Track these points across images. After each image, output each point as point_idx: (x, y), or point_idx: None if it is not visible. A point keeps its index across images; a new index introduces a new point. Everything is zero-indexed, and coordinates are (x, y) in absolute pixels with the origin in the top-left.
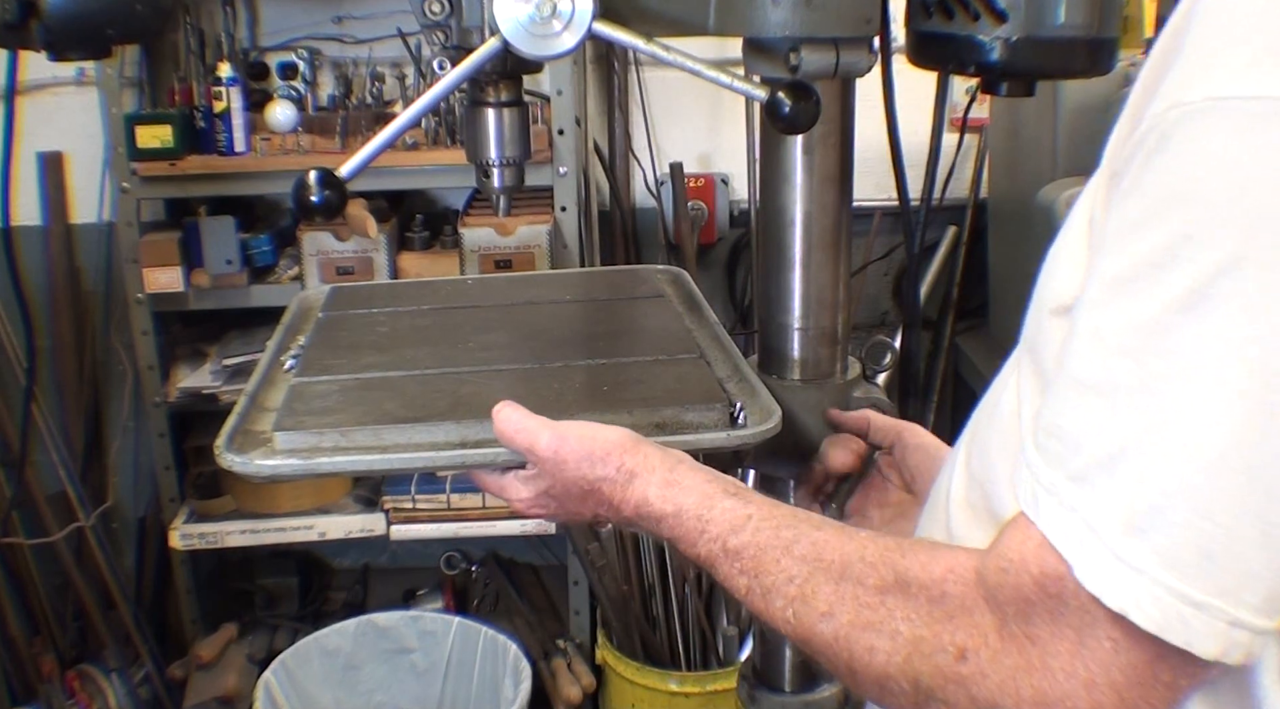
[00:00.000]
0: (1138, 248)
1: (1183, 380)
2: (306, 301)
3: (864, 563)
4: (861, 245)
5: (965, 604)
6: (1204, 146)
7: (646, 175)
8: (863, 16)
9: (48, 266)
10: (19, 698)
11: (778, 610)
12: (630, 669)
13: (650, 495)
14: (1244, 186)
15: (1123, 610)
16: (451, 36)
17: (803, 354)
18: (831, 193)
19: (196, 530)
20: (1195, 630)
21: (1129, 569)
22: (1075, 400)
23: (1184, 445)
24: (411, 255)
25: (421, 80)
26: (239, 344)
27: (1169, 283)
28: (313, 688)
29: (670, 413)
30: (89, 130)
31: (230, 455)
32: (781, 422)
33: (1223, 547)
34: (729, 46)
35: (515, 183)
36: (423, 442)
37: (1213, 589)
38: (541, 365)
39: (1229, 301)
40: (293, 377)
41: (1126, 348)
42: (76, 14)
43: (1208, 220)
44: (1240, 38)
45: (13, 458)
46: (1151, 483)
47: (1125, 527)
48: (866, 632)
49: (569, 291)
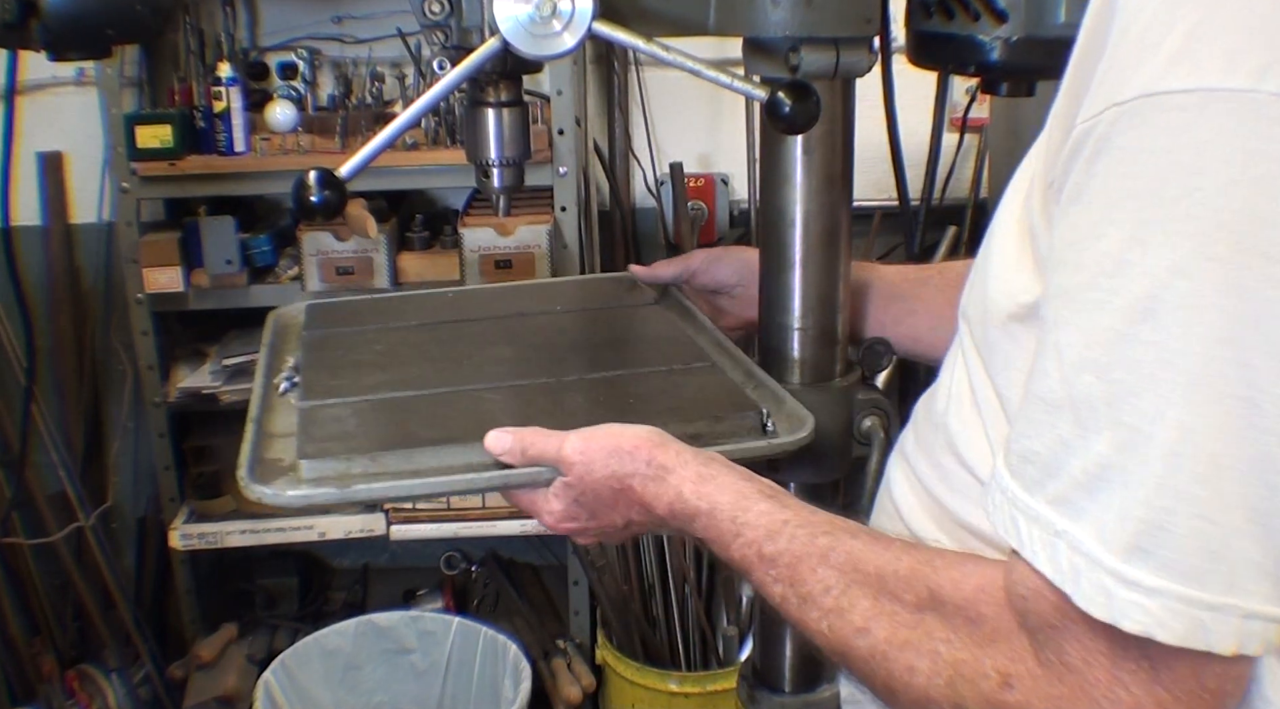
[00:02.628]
0: (1089, 258)
1: (1153, 389)
2: (283, 319)
3: (898, 577)
4: (861, 245)
5: (1002, 628)
6: (1142, 145)
7: (646, 175)
8: (863, 16)
9: (48, 266)
10: (19, 698)
11: (813, 621)
12: (630, 669)
13: (685, 491)
14: (1186, 182)
15: (1146, 633)
16: (451, 36)
17: (802, 354)
18: (831, 193)
19: (196, 530)
20: (1213, 632)
21: (1141, 591)
22: (1044, 421)
23: (1170, 455)
24: (411, 255)
25: (421, 80)
26: (239, 344)
27: (1125, 291)
28: (313, 688)
29: (704, 423)
30: (89, 130)
31: (257, 487)
32: (814, 428)
33: (1229, 546)
34: (729, 46)
35: (515, 183)
36: (458, 463)
37: (1225, 588)
38: (557, 379)
39: (1188, 302)
40: (297, 400)
41: (1090, 362)
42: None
43: (1155, 221)
44: (1166, 30)
45: (13, 458)
46: (1143, 500)
47: (1126, 549)
48: (905, 650)
49: (557, 301)
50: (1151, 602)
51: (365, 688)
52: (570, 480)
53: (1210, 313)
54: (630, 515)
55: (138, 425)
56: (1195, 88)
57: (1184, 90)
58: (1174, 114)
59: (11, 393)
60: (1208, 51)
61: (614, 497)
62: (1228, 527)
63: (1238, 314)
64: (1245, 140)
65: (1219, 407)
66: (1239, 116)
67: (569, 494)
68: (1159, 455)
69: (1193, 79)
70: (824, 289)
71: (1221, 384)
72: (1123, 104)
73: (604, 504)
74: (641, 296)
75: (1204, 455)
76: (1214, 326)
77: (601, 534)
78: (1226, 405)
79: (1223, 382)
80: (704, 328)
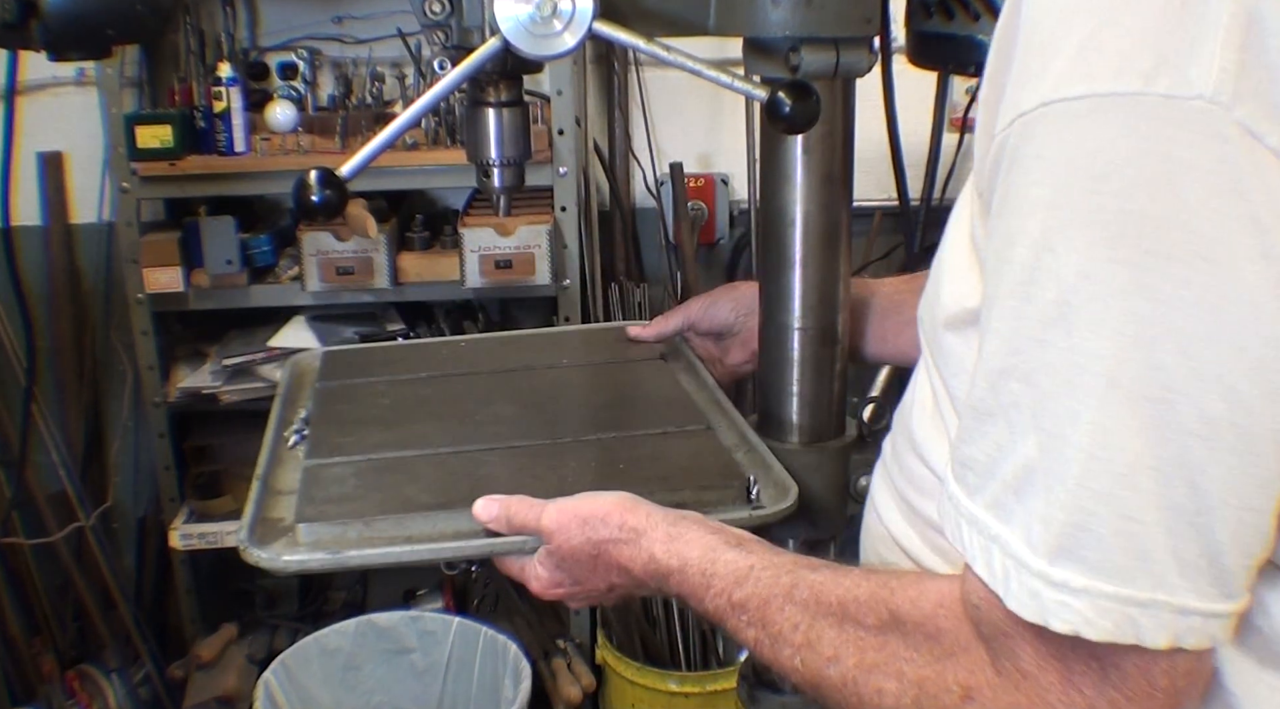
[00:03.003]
0: (1007, 267)
1: (1069, 393)
2: (300, 367)
3: (859, 603)
4: (861, 245)
5: (960, 641)
6: (1044, 153)
7: (646, 175)
8: (863, 16)
9: (48, 266)
10: (19, 698)
11: (786, 659)
12: (630, 669)
13: (657, 551)
14: (1087, 187)
15: (1075, 631)
16: (451, 36)
17: (802, 354)
18: (831, 193)
19: (196, 530)
20: (1144, 628)
21: (1068, 592)
22: (978, 428)
23: (1090, 457)
24: (411, 255)
25: (421, 80)
26: (239, 344)
27: (1039, 298)
28: (313, 688)
29: (690, 492)
30: (89, 130)
31: (255, 551)
32: (798, 497)
33: (1153, 543)
34: (729, 46)
35: (515, 183)
36: (447, 530)
37: (1153, 585)
38: (554, 442)
39: (1095, 305)
40: (303, 457)
41: (1013, 368)
42: (76, 14)
43: (1060, 227)
44: (1062, 39)
45: (13, 458)
46: (1065, 502)
47: (1052, 551)
48: (873, 674)
49: (564, 354)
50: (1079, 601)
51: (365, 688)
52: (551, 548)
53: (1118, 315)
54: (611, 579)
55: (138, 425)
56: (1088, 94)
57: (1078, 97)
58: (1070, 121)
59: (11, 393)
60: (1099, 58)
61: (592, 562)
62: (1152, 525)
63: (1145, 316)
64: (1138, 142)
65: (1133, 408)
66: (1131, 120)
67: (551, 561)
68: (1077, 458)
69: (1085, 85)
70: (824, 289)
71: (1134, 385)
72: (1026, 114)
73: (585, 570)
74: (646, 350)
75: (1121, 457)
76: (1123, 329)
77: (589, 598)
78: (1140, 407)
79: (1135, 383)
80: (705, 384)
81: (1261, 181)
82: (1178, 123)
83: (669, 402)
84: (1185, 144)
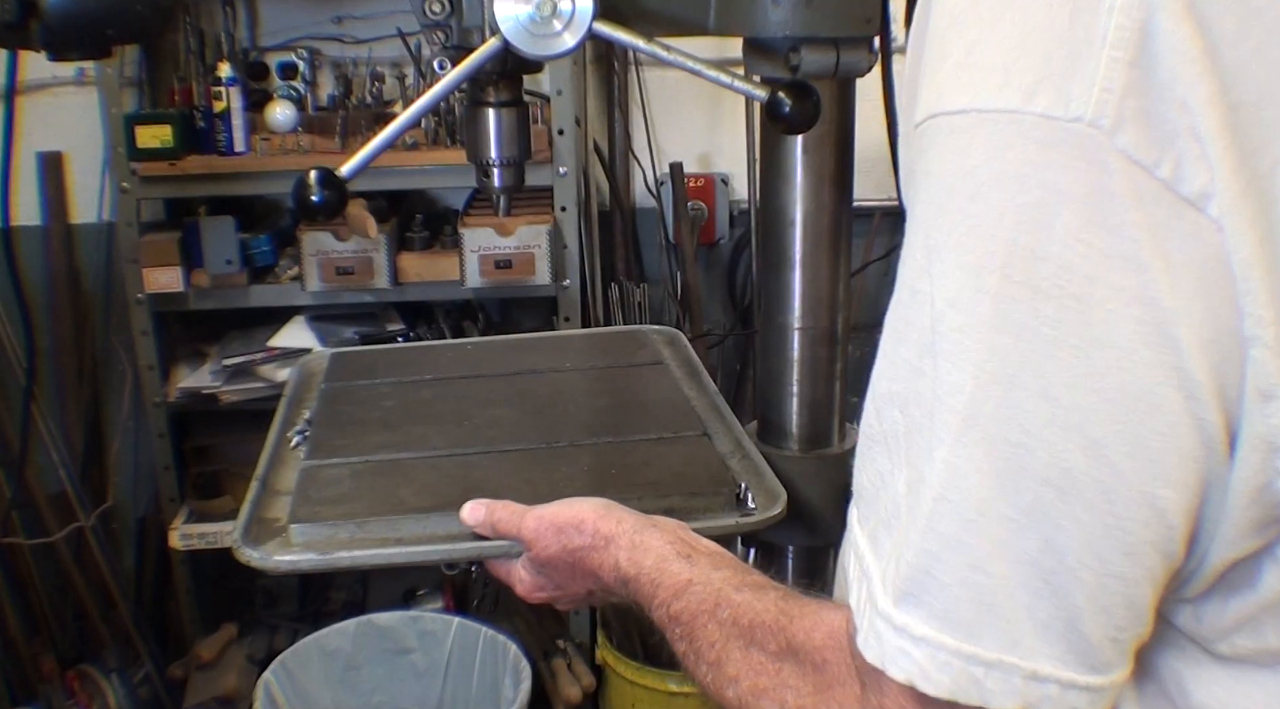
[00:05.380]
0: (898, 288)
1: (930, 427)
2: (308, 369)
3: (764, 628)
4: (861, 245)
5: (839, 674)
6: (929, 169)
7: (646, 175)
8: (863, 16)
9: (48, 266)
10: (19, 698)
11: (702, 675)
12: (630, 669)
13: (620, 559)
14: (963, 208)
15: (910, 682)
16: (451, 36)
17: (802, 355)
18: (831, 193)
19: (196, 530)
20: (990, 690)
21: (908, 639)
22: (866, 453)
23: (940, 497)
24: (411, 255)
25: (421, 80)
26: (239, 344)
27: (915, 321)
28: (313, 688)
29: (678, 499)
30: (89, 130)
31: (248, 550)
32: (787, 505)
33: (1003, 598)
34: (729, 46)
35: (515, 183)
36: (438, 533)
37: (1003, 645)
38: (549, 446)
39: (958, 336)
40: (302, 457)
41: (894, 395)
42: (76, 14)
43: (937, 248)
44: (951, 44)
45: (13, 458)
46: (914, 543)
47: (898, 594)
48: (760, 699)
49: (569, 358)
50: (918, 650)
51: (365, 688)
52: (532, 554)
53: (979, 350)
54: (588, 585)
55: (138, 425)
56: (969, 108)
57: (960, 111)
58: (952, 136)
59: (11, 393)
60: (981, 70)
61: (570, 570)
62: (1001, 578)
63: (1008, 352)
64: (1012, 165)
65: (987, 449)
66: (1008, 139)
67: (533, 567)
68: (930, 497)
69: (967, 98)
70: (824, 289)
71: (990, 425)
72: (919, 126)
73: (564, 576)
74: (650, 354)
75: (971, 501)
76: (984, 364)
77: (573, 601)
78: (995, 448)
79: (992, 423)
80: (705, 389)
81: (1144, 216)
82: (1053, 146)
83: (668, 407)
84: (1060, 168)
